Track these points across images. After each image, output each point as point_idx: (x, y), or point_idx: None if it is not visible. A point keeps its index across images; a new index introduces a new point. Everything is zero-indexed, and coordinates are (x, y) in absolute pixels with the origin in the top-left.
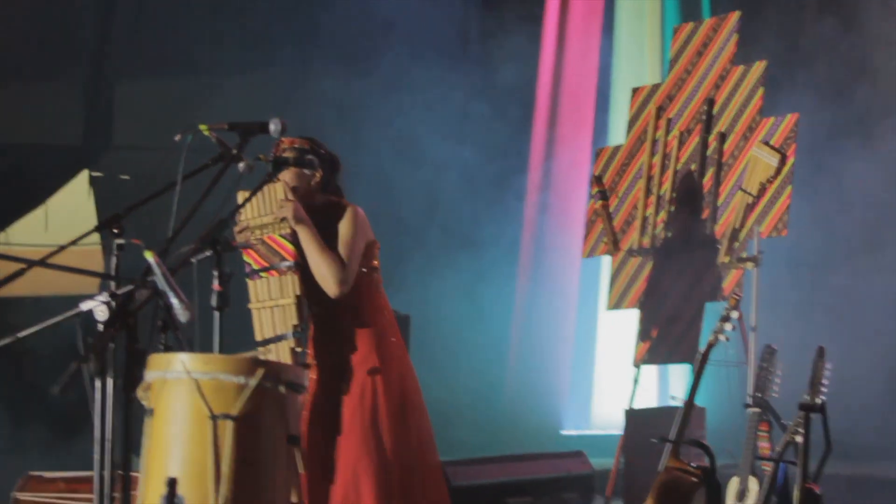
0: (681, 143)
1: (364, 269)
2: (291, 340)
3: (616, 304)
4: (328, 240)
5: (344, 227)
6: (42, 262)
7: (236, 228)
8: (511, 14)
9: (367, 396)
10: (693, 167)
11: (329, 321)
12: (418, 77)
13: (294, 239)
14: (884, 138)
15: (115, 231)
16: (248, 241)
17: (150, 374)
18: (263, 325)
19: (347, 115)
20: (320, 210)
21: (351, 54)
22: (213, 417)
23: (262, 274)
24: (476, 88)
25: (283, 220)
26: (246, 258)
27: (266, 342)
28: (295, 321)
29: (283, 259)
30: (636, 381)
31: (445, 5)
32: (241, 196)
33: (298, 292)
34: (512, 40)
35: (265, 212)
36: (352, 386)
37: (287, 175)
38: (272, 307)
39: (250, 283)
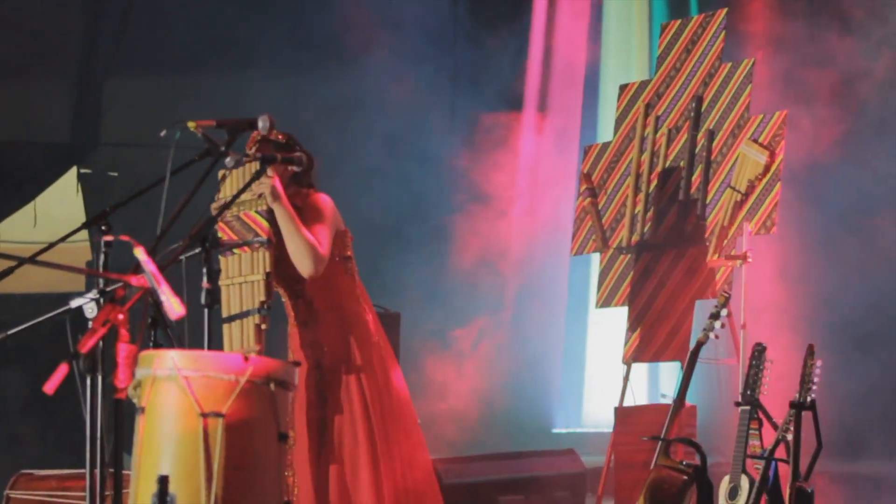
0: (669, 141)
1: (337, 258)
2: (257, 317)
3: (605, 301)
4: None
5: (314, 213)
6: (31, 260)
7: (213, 206)
8: (499, 11)
9: (352, 388)
10: (681, 164)
11: (306, 311)
12: (406, 74)
13: (270, 216)
14: (875, 138)
15: (104, 228)
16: (223, 217)
17: (140, 372)
18: (231, 302)
19: (335, 112)
20: (290, 199)
21: (338, 51)
22: (203, 415)
23: (236, 250)
24: (464, 85)
25: (261, 196)
26: (219, 235)
27: (232, 318)
28: (262, 297)
29: (258, 235)
30: (626, 379)
31: (433, 2)
32: (221, 175)
33: (269, 269)
34: (499, 37)
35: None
36: (335, 376)
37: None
38: (241, 283)
39: (222, 259)
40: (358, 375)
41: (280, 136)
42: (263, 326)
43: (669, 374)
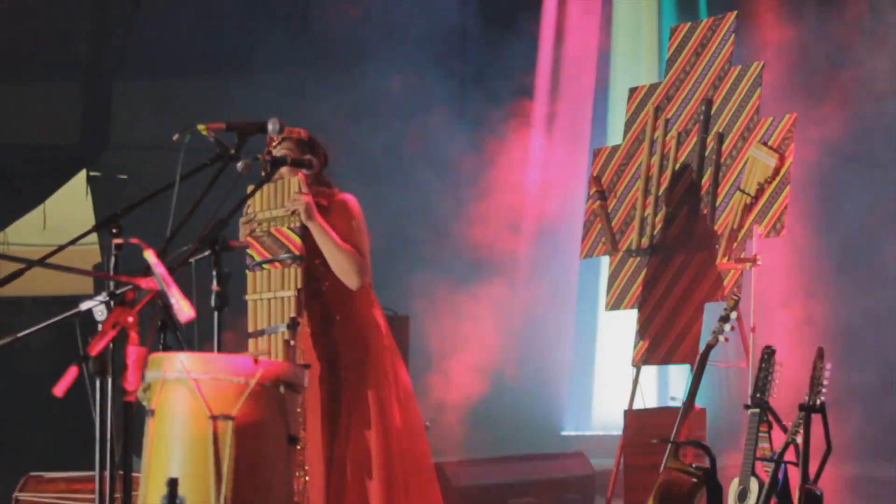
0: (679, 144)
1: None
2: (286, 332)
3: (615, 304)
4: None
5: (351, 220)
6: (41, 262)
7: (242, 220)
8: (509, 14)
9: (366, 392)
10: (691, 167)
11: (321, 312)
12: (414, 77)
13: (302, 232)
14: (885, 145)
15: (114, 231)
16: (253, 231)
17: (150, 375)
18: (258, 316)
19: (342, 114)
20: (315, 198)
21: (345, 53)
22: (213, 418)
23: (265, 265)
24: (473, 88)
25: (295, 213)
26: (249, 250)
27: (259, 333)
28: (293, 313)
29: (290, 252)
30: (636, 381)
31: (443, 6)
32: (250, 190)
33: (300, 286)
34: (509, 40)
35: (275, 205)
36: (348, 379)
37: (284, 170)
38: (270, 298)
39: (250, 274)
40: (374, 378)
41: (302, 135)
42: (292, 342)
43: (679, 376)
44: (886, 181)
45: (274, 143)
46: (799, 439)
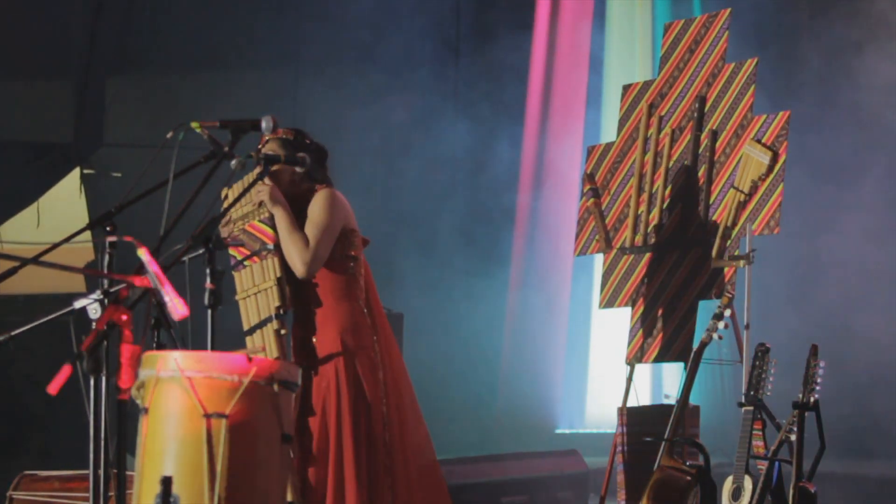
0: (672, 141)
1: (337, 256)
2: (275, 323)
3: (608, 302)
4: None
5: (314, 209)
6: (34, 261)
7: (220, 224)
8: (502, 12)
9: (331, 386)
10: (685, 165)
11: (300, 306)
12: (408, 76)
13: (272, 223)
14: (879, 139)
15: (108, 228)
16: (231, 233)
17: (144, 373)
18: (250, 314)
19: (336, 113)
20: (304, 197)
21: (343, 55)
22: (207, 416)
23: (246, 263)
24: (468, 87)
25: (261, 204)
26: (230, 251)
27: (252, 330)
28: (277, 303)
29: (265, 244)
30: (629, 379)
31: (437, 4)
32: (224, 193)
33: (279, 274)
34: (503, 38)
35: (245, 202)
36: (327, 385)
37: (275, 167)
38: (256, 294)
39: (236, 275)
40: (336, 369)
41: (288, 134)
42: (283, 332)
43: (673, 374)
44: (884, 174)
45: (261, 144)
46: (793, 437)
